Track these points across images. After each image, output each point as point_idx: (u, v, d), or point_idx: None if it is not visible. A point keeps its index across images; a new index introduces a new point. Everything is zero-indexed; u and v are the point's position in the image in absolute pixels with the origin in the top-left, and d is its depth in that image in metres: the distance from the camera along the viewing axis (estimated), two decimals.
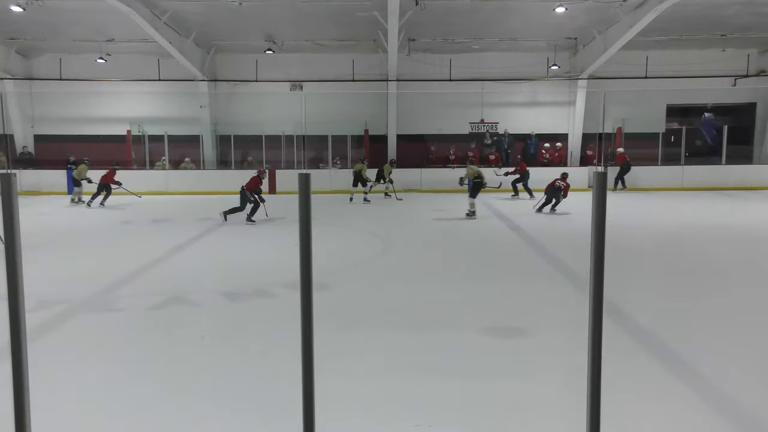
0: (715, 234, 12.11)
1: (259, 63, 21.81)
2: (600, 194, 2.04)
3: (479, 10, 17.09)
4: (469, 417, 4.28)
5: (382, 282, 8.48)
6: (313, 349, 1.89)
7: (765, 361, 5.32)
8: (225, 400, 4.57)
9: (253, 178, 14.18)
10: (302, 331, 1.87)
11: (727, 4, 16.70)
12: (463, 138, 22.32)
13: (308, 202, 1.86)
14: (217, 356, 5.50)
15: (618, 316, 6.46)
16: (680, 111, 23.20)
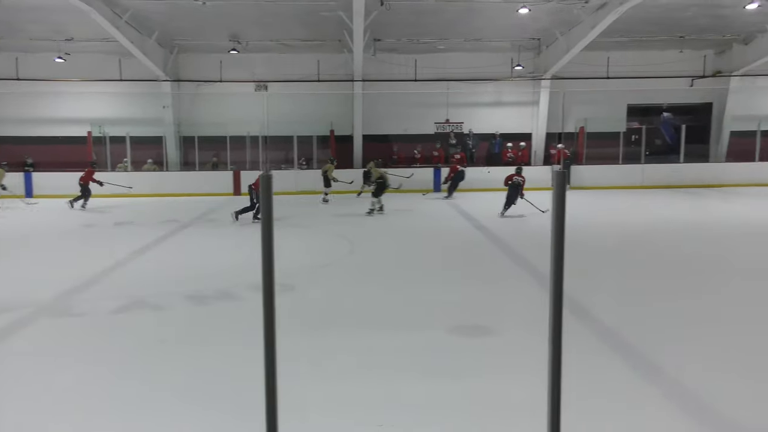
0: (676, 231, 12.39)
1: (223, 63, 21.58)
2: (559, 192, 2.07)
3: (444, 10, 17.19)
4: (437, 416, 4.30)
5: (350, 283, 8.47)
6: (275, 351, 1.88)
7: (728, 356, 5.46)
8: (189, 403, 4.51)
9: (258, 180, 14.15)
10: (264, 332, 1.86)
11: (685, 6, 17.09)
12: (429, 138, 22.42)
13: (270, 203, 1.85)
14: (180, 360, 5.43)
15: (582, 313, 6.56)
16: (640, 111, 23.67)
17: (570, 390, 3.72)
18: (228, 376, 5.00)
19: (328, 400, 4.54)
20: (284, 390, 2.06)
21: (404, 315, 6.79)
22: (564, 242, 2.02)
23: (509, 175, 14.60)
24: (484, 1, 16.38)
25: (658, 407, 4.39)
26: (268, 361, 1.88)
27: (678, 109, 23.76)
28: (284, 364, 2.70)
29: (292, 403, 4.15)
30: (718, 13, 17.83)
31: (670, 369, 5.04)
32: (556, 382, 2.02)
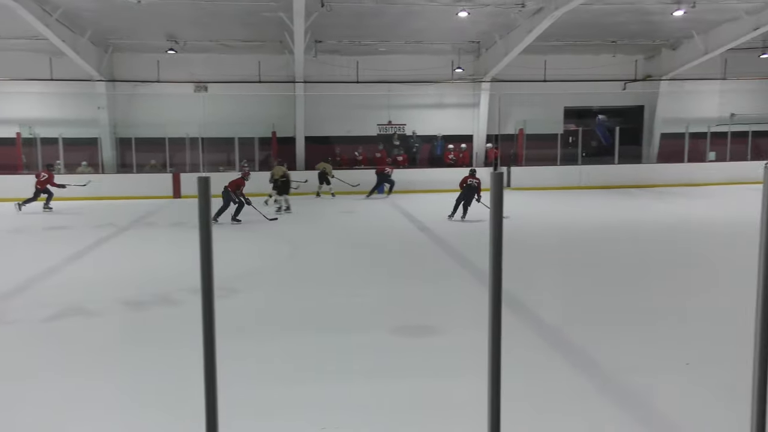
0: (612, 230, 12.81)
1: (160, 63, 21.09)
2: (497, 193, 2.12)
3: (384, 13, 17.27)
4: (382, 417, 4.32)
5: (293, 284, 8.42)
6: (215, 356, 1.85)
7: (660, 352, 5.67)
8: (125, 412, 4.40)
9: (237, 179, 13.91)
10: (204, 337, 1.83)
11: (617, 12, 17.68)
12: (372, 139, 22.50)
13: (208, 205, 1.82)
14: (116, 367, 5.28)
15: (523, 311, 6.71)
16: (577, 113, 24.38)
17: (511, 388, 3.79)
18: (167, 381, 4.90)
19: (271, 404, 4.50)
20: (226, 394, 2.03)
21: (347, 317, 6.79)
22: (502, 241, 2.06)
23: (464, 177, 14.11)
24: (424, 4, 16.54)
25: (594, 403, 4.53)
26: (208, 365, 1.85)
27: (612, 112, 24.59)
28: (226, 368, 2.66)
29: (234, 407, 4.10)
30: (648, 19, 18.53)
31: (607, 364, 5.21)
32: (496, 381, 2.05)
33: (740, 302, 5.27)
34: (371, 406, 4.46)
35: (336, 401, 4.55)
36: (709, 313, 6.71)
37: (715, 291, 7.74)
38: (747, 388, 2.02)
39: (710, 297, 7.44)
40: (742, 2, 17.04)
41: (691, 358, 5.30)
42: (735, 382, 4.57)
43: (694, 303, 7.20)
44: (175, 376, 4.98)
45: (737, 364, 4.79)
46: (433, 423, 4.23)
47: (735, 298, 7.06)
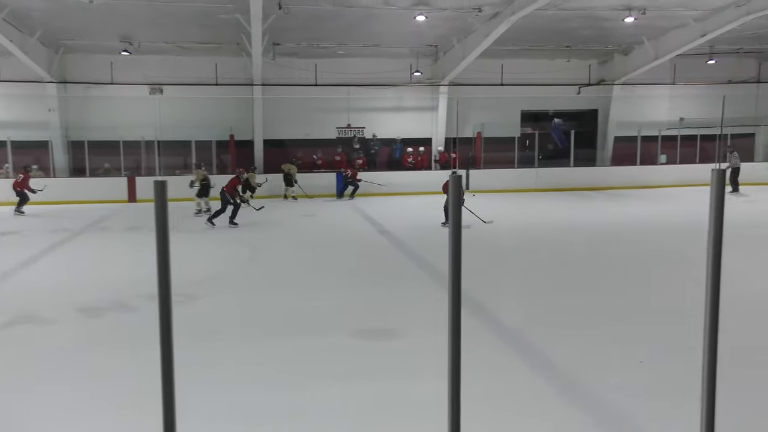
0: (568, 231, 13.04)
1: (114, 65, 20.65)
2: (455, 195, 2.15)
3: (342, 16, 17.27)
4: (344, 420, 4.31)
5: (253, 289, 8.34)
6: (173, 363, 1.82)
7: (615, 351, 5.80)
8: (81, 420, 4.29)
9: (232, 179, 13.94)
10: (161, 343, 1.81)
11: (570, 18, 18.04)
12: (331, 143, 22.46)
13: (165, 210, 1.80)
14: (70, 376, 5.15)
15: (483, 313, 6.78)
16: (533, 116, 24.78)
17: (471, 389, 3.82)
18: (122, 388, 4.80)
19: (234, 410, 4.45)
20: (186, 402, 1.99)
21: (308, 320, 6.76)
22: (461, 244, 2.09)
23: (447, 182, 13.20)
24: (382, 7, 16.59)
25: (553, 404, 4.60)
26: (166, 372, 1.83)
27: (567, 116, 25.07)
28: (185, 375, 2.62)
29: (195, 415, 4.04)
30: (600, 25, 18.97)
31: (565, 365, 5.30)
32: (456, 382, 2.08)
33: (690, 300, 5.42)
34: (334, 409, 4.45)
35: (298, 405, 4.52)
36: (661, 312, 6.89)
37: (665, 290, 7.95)
38: (698, 383, 2.09)
39: (662, 296, 7.64)
40: (689, 10, 17.58)
41: (644, 356, 5.43)
42: (686, 378, 4.71)
43: (646, 302, 7.38)
44: (132, 383, 4.88)
45: (688, 360, 4.93)
46: (394, 425, 4.24)
47: (685, 296, 7.26)
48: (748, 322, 6.37)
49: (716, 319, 2.09)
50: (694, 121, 24.18)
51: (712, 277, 2.08)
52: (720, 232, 2.06)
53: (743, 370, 4.98)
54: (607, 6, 16.89)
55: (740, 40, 20.72)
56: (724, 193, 2.04)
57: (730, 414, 4.03)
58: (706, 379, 2.10)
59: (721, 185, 2.03)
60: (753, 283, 8.08)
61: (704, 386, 2.11)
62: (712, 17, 17.99)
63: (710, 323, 2.09)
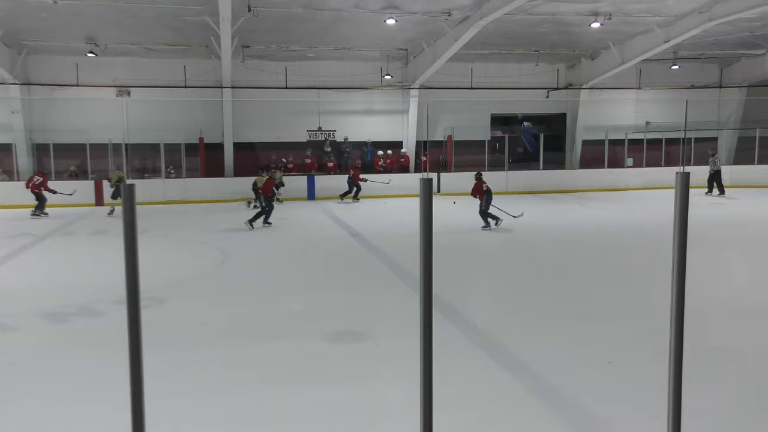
0: (538, 233, 13.17)
1: (80, 66, 20.29)
2: (426, 199, 2.15)
3: (312, 19, 17.22)
4: (313, 425, 4.29)
5: (222, 293, 8.27)
6: (142, 369, 1.80)
7: (584, 351, 5.88)
8: (46, 427, 4.20)
9: (268, 180, 14.08)
10: (130, 348, 1.78)
11: (538, 22, 18.27)
12: (302, 146, 22.36)
13: (133, 213, 1.77)
14: (34, 382, 5.04)
15: (455, 315, 6.81)
16: (503, 120, 25.00)
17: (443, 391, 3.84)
18: (91, 394, 4.71)
19: (206, 415, 4.40)
20: (155, 407, 1.96)
21: (280, 325, 6.72)
22: (432, 247, 2.10)
23: (479, 183, 13.73)
24: (352, 11, 16.60)
25: (523, 405, 4.65)
26: (134, 377, 1.80)
27: (536, 119, 25.35)
28: (154, 381, 2.59)
29: (164, 421, 3.98)
30: (568, 30, 19.24)
31: (536, 366, 5.36)
32: (428, 385, 2.08)
33: (658, 301, 5.52)
34: (306, 414, 4.43)
35: (270, 409, 4.49)
36: (628, 312, 7.01)
37: (633, 291, 8.09)
38: (664, 382, 2.13)
39: (629, 297, 7.76)
40: (653, 16, 17.93)
41: (613, 357, 5.51)
42: (653, 377, 4.79)
43: (614, 303, 7.50)
44: (99, 389, 4.80)
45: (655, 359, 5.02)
46: (367, 428, 4.24)
47: (652, 296, 7.40)
48: (713, 321, 6.51)
49: (681, 319, 2.13)
50: (659, 124, 24.67)
51: (677, 277, 2.12)
52: (684, 234, 2.11)
53: (709, 369, 5.08)
54: (574, 11, 17.13)
55: (702, 46, 21.23)
56: (688, 196, 2.09)
57: (696, 412, 4.12)
58: (672, 377, 2.14)
59: (686, 188, 2.07)
60: (719, 283, 8.26)
61: (671, 385, 2.15)
62: (675, 23, 18.37)
63: (676, 323, 2.13)
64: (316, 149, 22.36)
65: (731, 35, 19.85)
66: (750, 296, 7.78)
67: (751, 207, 17.12)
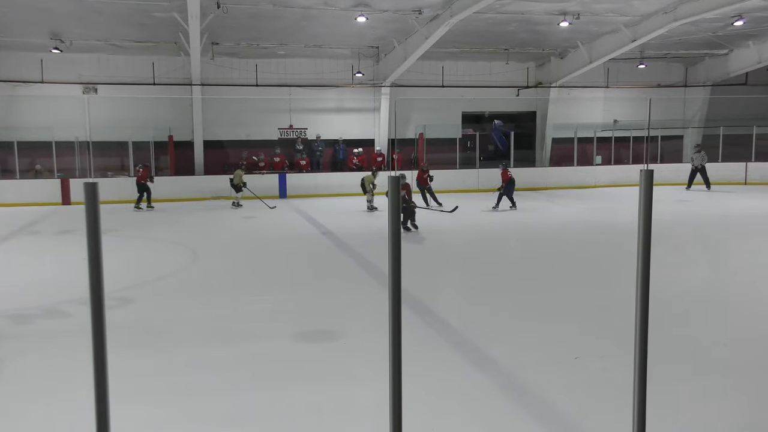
0: (509, 231, 13.29)
1: (44, 63, 19.87)
2: (395, 196, 2.15)
3: (281, 16, 17.10)
4: (280, 424, 4.27)
5: (191, 293, 8.18)
6: (107, 371, 1.77)
7: (553, 349, 5.95)
8: None
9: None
10: (93, 350, 1.75)
11: (508, 21, 18.41)
12: (273, 144, 22.21)
13: (96, 212, 1.74)
14: None
15: (425, 312, 6.84)
16: (474, 118, 25.13)
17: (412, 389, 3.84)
18: (54, 396, 4.63)
19: (171, 417, 4.35)
20: (120, 410, 1.93)
21: (248, 324, 6.67)
22: (400, 244, 2.10)
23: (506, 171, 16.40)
24: (323, 8, 16.53)
25: (493, 402, 4.68)
26: (99, 379, 1.77)
27: (507, 117, 25.54)
28: (120, 383, 2.55)
29: (130, 422, 3.93)
30: (537, 29, 19.42)
31: (505, 361, 5.41)
32: (397, 383, 2.09)
33: (623, 297, 5.61)
34: (274, 413, 4.41)
35: (237, 410, 4.46)
36: (595, 309, 7.11)
37: (599, 287, 8.21)
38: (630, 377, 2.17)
39: (595, 293, 7.88)
40: (620, 16, 18.20)
41: (579, 353, 5.59)
42: (619, 372, 4.87)
43: (581, 299, 7.60)
44: (64, 391, 4.71)
45: (621, 355, 5.10)
46: (335, 427, 4.23)
47: (618, 292, 7.52)
48: (679, 316, 6.64)
49: (646, 314, 2.17)
50: (627, 123, 25.06)
51: (642, 273, 2.16)
52: (649, 230, 2.14)
53: (673, 363, 5.19)
54: (543, 11, 17.30)
55: (668, 45, 21.61)
56: (652, 193, 2.12)
57: (661, 405, 4.20)
58: (637, 373, 2.18)
59: (650, 185, 2.11)
60: (682, 279, 8.43)
61: (636, 380, 2.18)
62: (641, 23, 18.67)
63: (641, 319, 2.17)
64: (286, 147, 22.22)
65: (695, 35, 20.26)
66: (711, 291, 7.96)
67: (714, 204, 17.49)
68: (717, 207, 16.81)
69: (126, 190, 18.34)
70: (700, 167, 20.47)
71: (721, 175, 21.54)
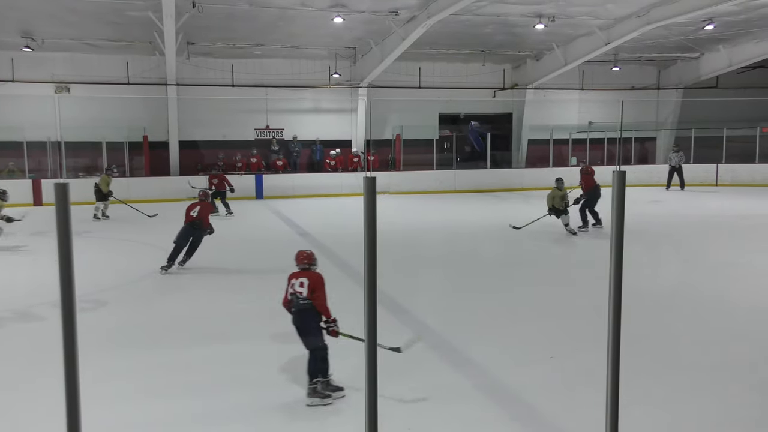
0: (485, 232, 13.36)
1: (15, 61, 19.53)
2: (370, 198, 2.15)
3: (257, 16, 17.02)
4: (258, 427, 4.26)
5: (166, 294, 8.10)
6: (78, 376, 1.74)
7: (529, 348, 6.00)
8: None
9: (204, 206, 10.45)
10: (65, 355, 1.72)
11: (484, 23, 18.52)
12: (249, 144, 22.08)
13: (66, 213, 1.71)
14: None
15: (402, 313, 6.85)
16: (451, 119, 25.25)
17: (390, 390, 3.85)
18: (25, 402, 4.55)
19: (147, 420, 4.30)
20: (92, 414, 1.91)
21: (228, 325, 6.63)
22: (376, 245, 2.10)
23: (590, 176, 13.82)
24: (299, 9, 16.47)
25: (470, 400, 4.71)
26: (70, 383, 1.74)
27: (483, 119, 25.68)
28: (93, 385, 2.51)
29: (101, 427, 3.88)
30: (513, 31, 19.57)
31: (482, 361, 5.44)
32: (373, 383, 2.08)
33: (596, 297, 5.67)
34: (251, 415, 4.39)
35: (214, 411, 4.43)
36: (569, 309, 7.19)
37: (572, 287, 8.30)
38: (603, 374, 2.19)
39: (569, 294, 7.96)
40: (594, 19, 18.42)
41: (555, 352, 5.65)
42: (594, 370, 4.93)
43: (555, 300, 7.68)
44: (34, 395, 4.64)
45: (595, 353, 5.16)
46: (312, 429, 4.22)
47: (591, 293, 7.60)
48: (649, 315, 6.74)
49: (619, 314, 2.19)
50: (601, 124, 25.35)
51: (615, 273, 2.18)
52: (621, 231, 2.17)
53: (648, 361, 5.26)
54: (518, 13, 17.43)
55: (641, 48, 21.92)
56: (625, 194, 2.15)
57: (634, 402, 4.26)
58: (610, 371, 2.20)
59: (622, 186, 2.13)
60: (652, 277, 8.56)
61: (609, 378, 2.21)
62: (615, 26, 18.91)
63: (613, 318, 2.20)
64: (262, 148, 22.10)
65: (668, 39, 20.57)
66: (679, 289, 8.09)
67: (687, 204, 17.77)
68: (690, 207, 17.09)
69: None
70: (677, 167, 20.86)
71: (693, 177, 21.89)
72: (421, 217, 15.64)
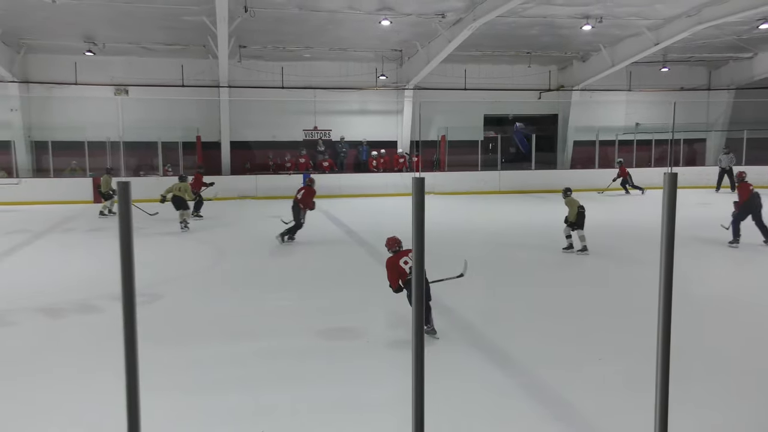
0: (530, 232, 13.25)
1: (78, 65, 20.29)
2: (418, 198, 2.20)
3: (307, 20, 17.28)
4: (305, 421, 4.34)
5: (217, 290, 8.32)
6: (138, 366, 1.84)
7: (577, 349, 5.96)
8: (38, 425, 4.24)
9: (308, 190, 11.91)
10: (125, 344, 1.82)
11: (530, 25, 18.39)
12: (298, 145, 22.40)
13: (129, 210, 1.82)
14: (30, 378, 5.07)
15: (446, 312, 6.87)
16: (496, 120, 25.10)
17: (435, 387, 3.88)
18: (86, 389, 4.76)
19: (201, 412, 4.44)
20: (150, 405, 2.01)
21: (273, 322, 6.77)
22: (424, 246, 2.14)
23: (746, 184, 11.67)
24: (347, 12, 16.64)
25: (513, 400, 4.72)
26: (130, 374, 1.84)
27: (528, 120, 25.44)
28: (150, 377, 2.63)
29: (159, 418, 4.02)
30: (559, 32, 19.36)
31: (525, 360, 5.43)
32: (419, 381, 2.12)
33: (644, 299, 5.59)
34: (299, 410, 4.48)
35: (264, 406, 4.54)
36: (617, 310, 7.10)
37: (619, 289, 8.18)
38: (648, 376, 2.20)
39: (616, 295, 7.85)
40: (643, 19, 18.08)
41: (599, 353, 5.59)
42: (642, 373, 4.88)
43: (603, 301, 7.59)
44: (95, 384, 4.84)
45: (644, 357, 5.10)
46: (359, 424, 4.29)
47: (639, 296, 7.49)
48: (699, 320, 6.61)
49: (669, 318, 2.19)
50: (649, 126, 24.81)
51: (665, 277, 2.17)
52: (672, 234, 2.16)
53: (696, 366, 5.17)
54: (565, 14, 17.25)
55: (691, 48, 21.39)
56: (676, 196, 2.13)
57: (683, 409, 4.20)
58: (659, 375, 2.20)
59: (673, 188, 2.12)
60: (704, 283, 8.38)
61: (658, 383, 2.20)
62: (664, 27, 18.53)
63: (663, 321, 2.19)
64: (309, 148, 22.40)
65: (719, 39, 20.04)
66: (739, 296, 7.90)
67: None
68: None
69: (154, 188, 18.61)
70: (728, 168, 20.29)
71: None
72: (465, 217, 15.59)
